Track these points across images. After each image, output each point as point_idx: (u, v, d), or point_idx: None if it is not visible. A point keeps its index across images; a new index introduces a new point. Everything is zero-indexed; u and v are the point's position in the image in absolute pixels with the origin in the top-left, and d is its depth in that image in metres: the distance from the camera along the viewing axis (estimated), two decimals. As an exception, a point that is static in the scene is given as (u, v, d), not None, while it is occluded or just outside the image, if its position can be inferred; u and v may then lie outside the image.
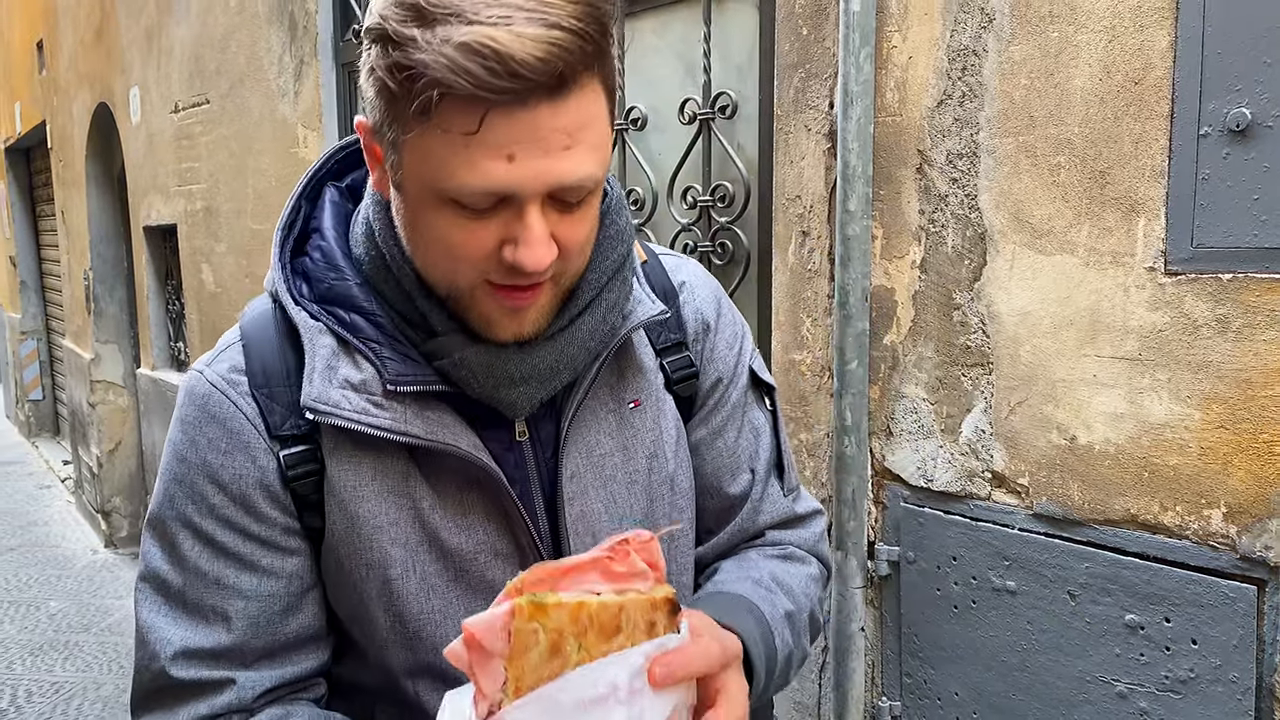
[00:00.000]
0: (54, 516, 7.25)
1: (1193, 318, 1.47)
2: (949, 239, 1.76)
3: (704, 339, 1.07)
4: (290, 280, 0.94)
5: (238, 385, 0.93)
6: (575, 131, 0.78)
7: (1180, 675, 1.53)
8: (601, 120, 0.81)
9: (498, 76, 0.72)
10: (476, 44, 0.72)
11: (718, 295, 1.11)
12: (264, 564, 0.93)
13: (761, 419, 1.12)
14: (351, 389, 0.89)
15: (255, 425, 0.92)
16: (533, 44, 0.72)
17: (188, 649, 0.92)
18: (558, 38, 0.73)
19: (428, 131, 0.76)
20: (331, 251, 0.94)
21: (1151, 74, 1.48)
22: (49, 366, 9.84)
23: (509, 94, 0.73)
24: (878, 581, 1.95)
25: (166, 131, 5.12)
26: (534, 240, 0.80)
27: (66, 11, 6.65)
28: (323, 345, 0.90)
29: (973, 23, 1.69)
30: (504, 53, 0.72)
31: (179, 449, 0.94)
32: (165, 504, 0.94)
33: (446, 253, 0.83)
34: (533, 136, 0.76)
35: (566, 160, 0.78)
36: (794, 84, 1.99)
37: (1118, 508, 1.58)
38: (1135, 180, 1.51)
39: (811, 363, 2.02)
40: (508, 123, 0.75)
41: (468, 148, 0.76)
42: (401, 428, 0.89)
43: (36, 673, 4.56)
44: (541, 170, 0.77)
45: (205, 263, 4.84)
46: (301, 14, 3.73)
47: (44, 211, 9.35)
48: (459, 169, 0.77)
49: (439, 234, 0.83)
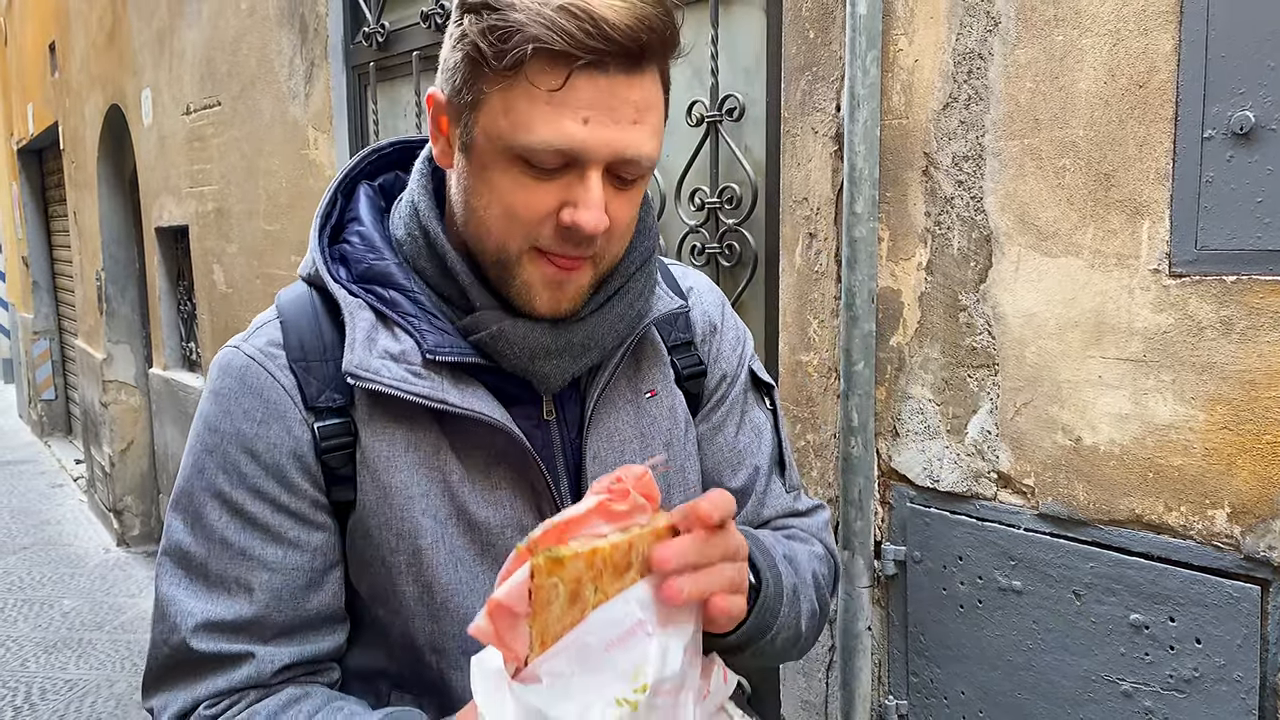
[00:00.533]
0: (66, 515, 7.30)
1: (1197, 319, 1.48)
2: (955, 241, 1.77)
3: (711, 340, 1.13)
4: (330, 264, 0.98)
5: (275, 358, 0.96)
6: (643, 109, 0.85)
7: (1185, 675, 1.54)
8: (660, 110, 0.89)
9: (589, 36, 0.80)
10: (573, 6, 0.80)
11: (721, 301, 1.18)
12: (290, 536, 0.95)
13: (762, 417, 1.16)
14: (391, 359, 0.92)
15: (292, 396, 0.95)
16: (624, 12, 0.81)
17: (210, 621, 0.93)
18: (645, 13, 0.82)
19: (514, 86, 0.83)
20: (370, 235, 0.99)
21: (1156, 77, 1.49)
22: (61, 366, 9.90)
23: (595, 55, 0.81)
24: (884, 581, 1.97)
25: (178, 133, 5.16)
26: (593, 203, 0.86)
27: (78, 14, 6.70)
28: (363, 319, 0.94)
29: (978, 26, 1.70)
30: (598, 15, 0.80)
31: (211, 420, 0.96)
32: (195, 475, 0.96)
33: (506, 212, 0.88)
34: (608, 103, 0.83)
35: (634, 133, 0.85)
36: (801, 87, 2.00)
37: (1123, 508, 1.59)
38: (1140, 183, 1.52)
39: (818, 364, 2.03)
40: (589, 85, 0.82)
41: (549, 103, 0.82)
42: (440, 395, 0.92)
43: (50, 670, 4.60)
44: (612, 138, 0.84)
45: (217, 263, 4.87)
46: (312, 17, 3.76)
47: (56, 212, 9.41)
48: (538, 123, 0.83)
49: (501, 193, 0.88)
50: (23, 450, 9.65)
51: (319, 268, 0.98)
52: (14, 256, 10.88)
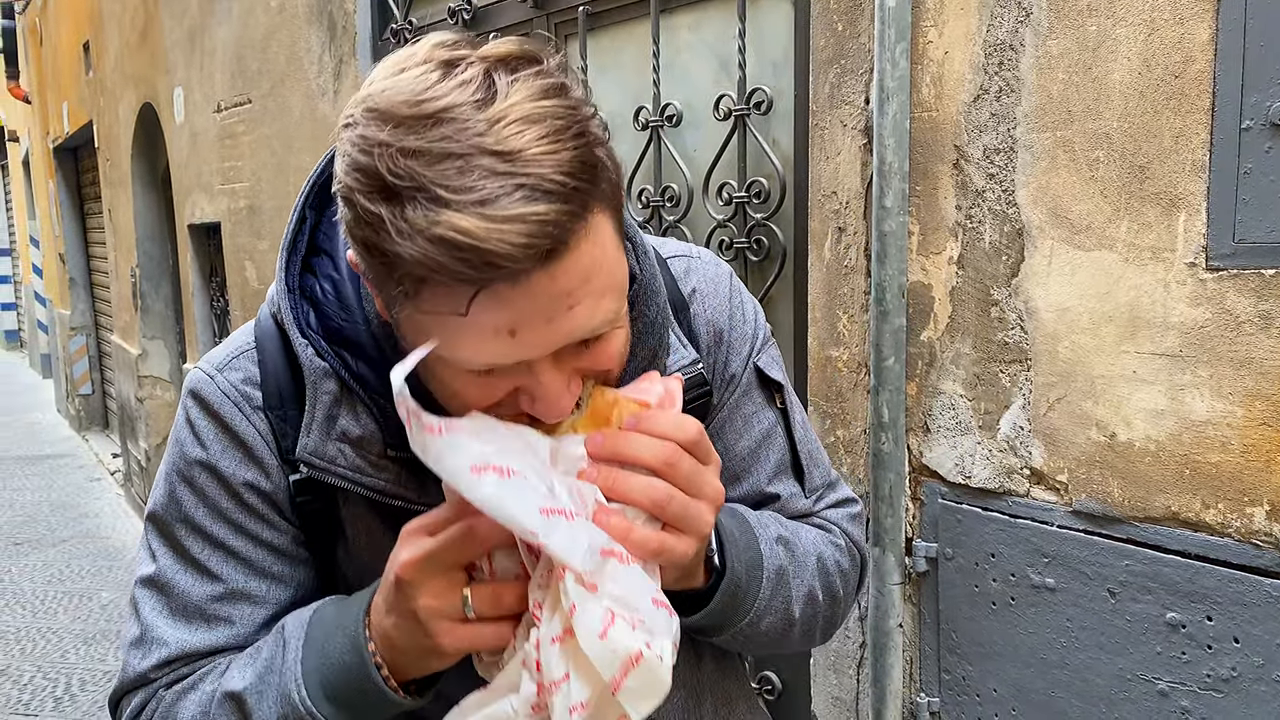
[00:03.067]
0: (104, 508, 7.42)
1: (1235, 313, 1.45)
2: (986, 235, 1.75)
3: (716, 351, 1.02)
4: (297, 307, 0.88)
5: (251, 399, 0.91)
6: (579, 287, 0.70)
7: (1222, 674, 1.52)
8: (609, 252, 0.73)
9: (477, 269, 0.65)
10: (448, 238, 0.64)
11: (729, 296, 1.04)
12: (274, 570, 0.93)
13: (769, 420, 1.04)
14: (349, 443, 0.87)
15: (268, 442, 0.90)
16: (511, 232, 0.64)
17: (186, 653, 0.91)
18: (540, 213, 0.65)
19: (419, 311, 0.70)
20: (343, 286, 0.89)
21: (1192, 67, 1.46)
22: (98, 361, 10.05)
23: (494, 278, 0.66)
24: (916, 578, 1.95)
25: (210, 131, 5.21)
26: (550, 397, 0.75)
27: (112, 14, 6.78)
28: (325, 390, 0.87)
29: (1010, 17, 1.68)
30: (481, 248, 0.64)
31: (188, 451, 0.92)
32: (172, 506, 0.93)
33: (458, 402, 0.77)
34: (531, 309, 0.69)
35: (574, 319, 0.71)
36: (829, 80, 1.98)
37: (1158, 505, 1.56)
38: (1175, 175, 1.49)
39: (848, 359, 2.02)
40: (498, 303, 0.68)
41: (461, 329, 0.69)
42: (396, 490, 0.87)
43: (90, 662, 4.68)
44: (546, 337, 0.71)
45: (248, 260, 4.92)
46: (340, 14, 3.78)
47: (92, 210, 9.54)
48: (457, 348, 0.71)
49: (447, 383, 0.77)
50: (61, 444, 9.81)
51: (285, 316, 0.88)
52: (51, 253, 11.04)
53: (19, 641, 4.91)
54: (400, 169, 0.65)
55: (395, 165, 0.66)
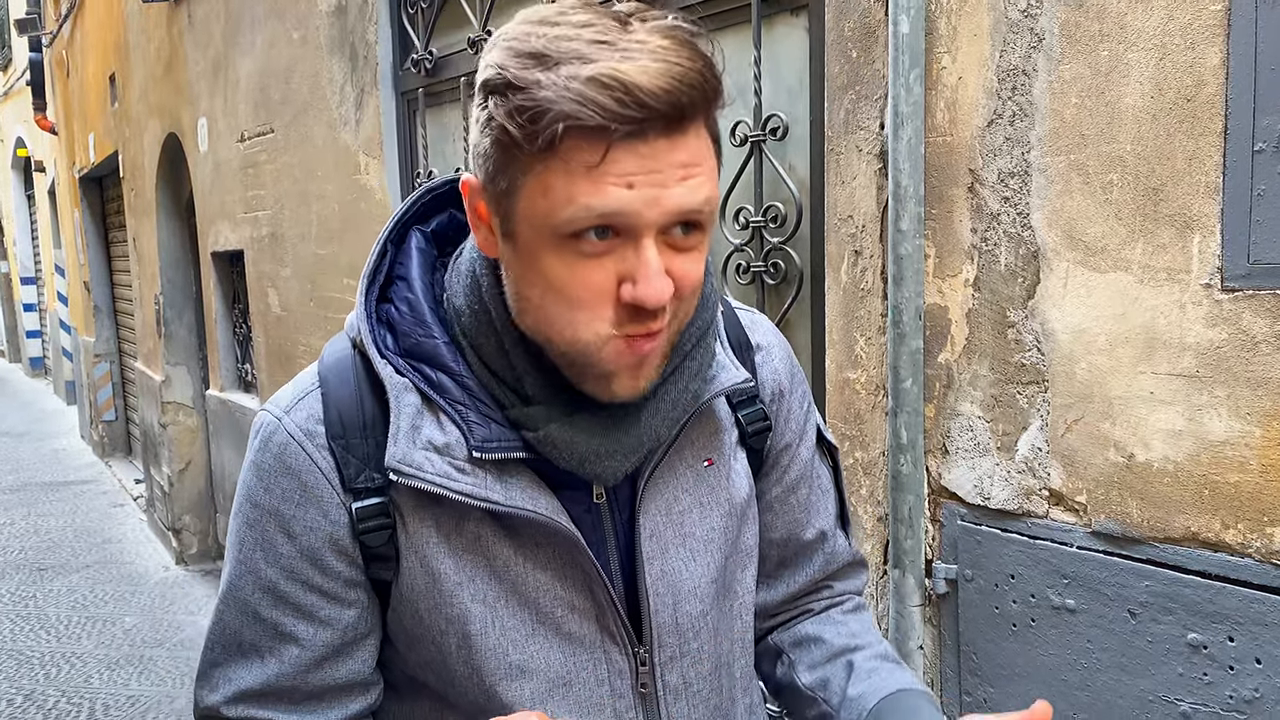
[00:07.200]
0: (127, 534, 7.46)
1: (1251, 334, 1.46)
2: (1002, 257, 1.77)
3: (779, 401, 1.10)
4: (375, 330, 0.95)
5: (315, 437, 0.94)
6: (691, 165, 0.80)
7: (1245, 695, 1.52)
8: (710, 159, 0.83)
9: (624, 106, 0.75)
10: (603, 77, 0.75)
11: (790, 357, 1.14)
12: (322, 615, 0.96)
13: (826, 475, 1.17)
14: (435, 451, 0.90)
15: (330, 479, 0.93)
16: (658, 77, 0.75)
17: (240, 692, 0.97)
18: (680, 73, 0.76)
19: (549, 168, 0.78)
20: (419, 305, 0.95)
21: (1204, 91, 1.48)
22: (121, 388, 10.13)
23: (632, 124, 0.76)
24: (935, 599, 1.95)
25: (233, 160, 5.28)
26: (651, 274, 0.81)
27: (137, 46, 6.89)
28: (408, 403, 0.91)
29: (1022, 43, 1.70)
30: (630, 83, 0.75)
31: (253, 493, 0.96)
32: (236, 547, 0.97)
33: (562, 299, 0.83)
34: (652, 168, 0.78)
35: (682, 190, 0.80)
36: (844, 105, 2.01)
37: (1178, 525, 1.57)
38: (1189, 197, 1.51)
39: (866, 381, 2.03)
40: (629, 155, 0.77)
41: (588, 178, 0.78)
42: (482, 494, 0.90)
43: (113, 687, 4.70)
44: (659, 198, 0.79)
45: (271, 287, 4.97)
46: (362, 45, 3.84)
47: (116, 238, 9.65)
48: (579, 195, 0.78)
49: (553, 279, 0.83)
50: (85, 470, 9.89)
51: (365, 338, 0.94)
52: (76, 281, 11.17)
53: (43, 666, 4.94)
54: (554, 46, 0.77)
55: (550, 43, 0.77)
